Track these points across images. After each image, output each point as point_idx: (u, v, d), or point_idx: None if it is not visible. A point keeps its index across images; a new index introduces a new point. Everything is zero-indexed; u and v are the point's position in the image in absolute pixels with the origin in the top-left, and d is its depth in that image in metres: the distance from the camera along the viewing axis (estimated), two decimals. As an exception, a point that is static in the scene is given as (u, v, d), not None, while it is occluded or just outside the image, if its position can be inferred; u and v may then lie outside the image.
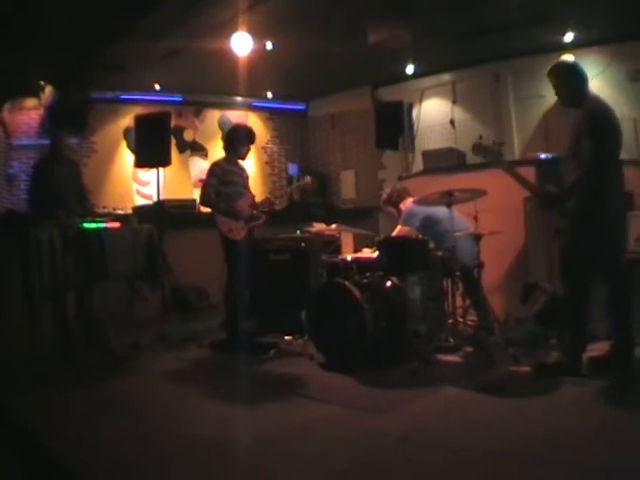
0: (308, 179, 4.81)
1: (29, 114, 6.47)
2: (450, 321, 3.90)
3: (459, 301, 4.05)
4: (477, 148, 3.50)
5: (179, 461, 2.41)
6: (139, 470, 2.36)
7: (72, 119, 5.52)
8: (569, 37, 5.55)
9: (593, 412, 2.71)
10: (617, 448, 2.29)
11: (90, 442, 2.62)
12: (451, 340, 3.82)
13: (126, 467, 2.38)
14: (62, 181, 4.08)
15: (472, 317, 4.16)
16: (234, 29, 5.12)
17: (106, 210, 5.90)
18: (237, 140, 4.39)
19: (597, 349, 3.29)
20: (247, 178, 4.53)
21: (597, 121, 3.10)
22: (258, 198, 4.76)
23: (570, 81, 3.26)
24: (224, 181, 4.28)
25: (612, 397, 2.88)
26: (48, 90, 6.28)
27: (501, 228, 4.02)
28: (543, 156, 4.71)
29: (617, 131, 3.19)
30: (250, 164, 4.79)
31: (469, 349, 3.82)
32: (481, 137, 5.78)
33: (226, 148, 4.49)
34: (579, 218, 3.16)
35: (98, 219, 4.16)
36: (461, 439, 2.50)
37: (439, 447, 2.43)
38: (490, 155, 3.49)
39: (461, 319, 4.02)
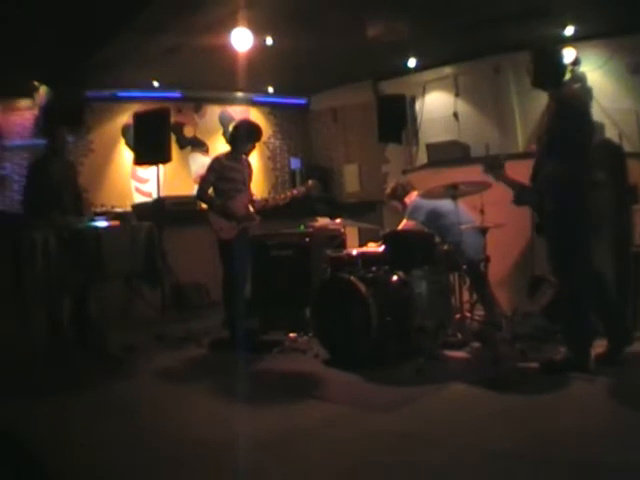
0: (311, 183, 4.59)
1: (22, 115, 6.35)
2: (457, 316, 3.88)
3: (466, 296, 4.01)
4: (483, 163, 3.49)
5: (179, 464, 2.34)
6: (137, 475, 2.29)
7: (68, 118, 5.40)
8: (570, 30, 5.44)
9: (601, 409, 2.67)
10: (625, 446, 2.27)
11: (84, 448, 2.52)
12: (458, 335, 3.77)
13: (123, 472, 2.30)
14: (58, 181, 4.00)
15: (479, 312, 4.12)
16: (234, 25, 5.02)
17: (104, 209, 5.79)
18: (239, 136, 4.29)
19: (600, 345, 3.23)
20: (250, 174, 4.43)
21: (567, 112, 3.08)
22: (260, 193, 4.65)
23: (554, 64, 3.25)
24: (222, 177, 4.18)
25: (620, 394, 2.84)
26: (42, 90, 6.17)
27: (507, 221, 3.97)
28: None
29: (588, 123, 3.19)
30: (253, 159, 4.66)
31: (476, 345, 3.76)
32: (487, 146, 5.74)
33: (230, 143, 4.45)
34: (559, 218, 3.11)
35: (96, 218, 4.09)
36: (467, 437, 2.46)
37: (445, 446, 2.39)
38: (492, 170, 3.42)
39: (468, 314, 4.00)
